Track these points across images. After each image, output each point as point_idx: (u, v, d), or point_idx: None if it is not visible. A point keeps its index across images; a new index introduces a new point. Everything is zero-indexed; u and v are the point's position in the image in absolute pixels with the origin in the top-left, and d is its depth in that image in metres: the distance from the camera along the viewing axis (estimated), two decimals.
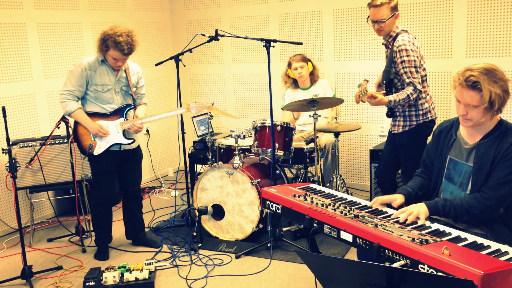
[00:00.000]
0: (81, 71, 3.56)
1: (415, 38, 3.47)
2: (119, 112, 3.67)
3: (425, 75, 3.47)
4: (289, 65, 4.63)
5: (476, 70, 2.18)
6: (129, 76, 3.72)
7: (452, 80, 2.31)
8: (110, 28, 3.51)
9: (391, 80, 3.50)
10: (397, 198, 2.44)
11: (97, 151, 3.62)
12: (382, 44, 3.62)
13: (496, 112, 2.23)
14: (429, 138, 3.61)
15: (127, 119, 3.69)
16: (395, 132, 3.57)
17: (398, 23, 3.48)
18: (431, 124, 3.51)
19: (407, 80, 3.35)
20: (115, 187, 3.86)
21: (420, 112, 3.46)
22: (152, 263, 3.42)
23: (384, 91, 3.56)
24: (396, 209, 2.40)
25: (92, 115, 3.62)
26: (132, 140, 3.72)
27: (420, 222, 2.22)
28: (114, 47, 3.46)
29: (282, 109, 4.81)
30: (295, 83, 4.72)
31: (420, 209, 2.27)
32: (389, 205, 2.47)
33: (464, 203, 2.27)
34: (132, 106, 3.75)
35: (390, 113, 3.62)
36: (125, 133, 3.69)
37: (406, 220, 2.23)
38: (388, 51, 3.52)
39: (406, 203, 2.45)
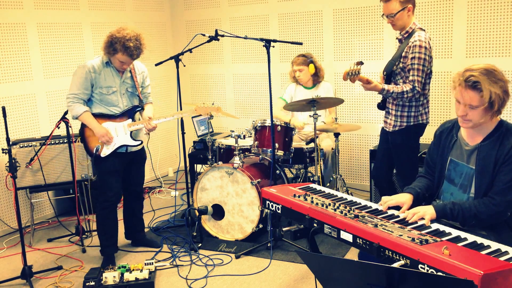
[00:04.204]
0: (85, 73, 3.48)
1: (430, 39, 3.45)
2: (127, 114, 3.63)
3: (430, 78, 3.46)
4: (292, 65, 4.63)
5: (476, 71, 2.18)
6: (134, 77, 3.67)
7: (452, 81, 2.30)
8: (118, 30, 3.43)
9: (392, 72, 3.49)
10: (406, 201, 2.41)
11: (105, 152, 3.56)
12: (397, 38, 3.58)
13: (495, 113, 2.23)
14: (422, 140, 3.63)
15: (134, 121, 3.66)
16: (387, 130, 3.58)
17: (414, 19, 3.45)
18: (422, 126, 3.52)
19: (410, 78, 3.33)
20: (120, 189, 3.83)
21: (412, 114, 3.45)
22: (152, 263, 3.42)
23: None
24: (398, 209, 2.39)
25: (99, 116, 3.57)
26: (139, 142, 3.67)
27: (421, 222, 2.21)
28: (124, 51, 3.40)
29: (280, 98, 4.78)
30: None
31: (426, 211, 2.25)
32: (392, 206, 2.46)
33: (472, 207, 2.25)
34: (140, 108, 3.71)
35: (382, 105, 3.62)
36: (132, 135, 3.64)
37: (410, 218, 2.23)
38: (400, 46, 3.51)
39: (415, 202, 2.43)
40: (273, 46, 3.68)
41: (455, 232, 2.10)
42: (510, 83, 2.27)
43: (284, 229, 3.75)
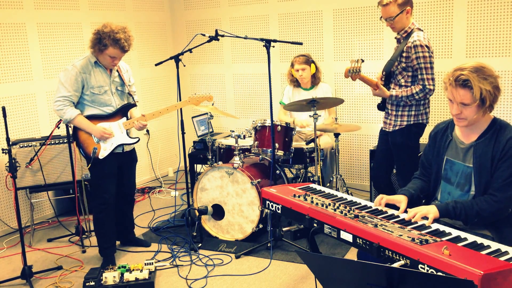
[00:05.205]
0: (75, 74, 3.39)
1: (429, 39, 3.45)
2: (120, 112, 3.60)
3: None
4: (292, 65, 4.63)
5: (465, 69, 2.22)
6: (122, 75, 3.62)
7: (443, 82, 2.34)
8: (103, 25, 3.38)
9: (391, 73, 3.50)
10: (402, 201, 2.42)
11: (102, 154, 3.50)
12: (395, 38, 3.59)
13: (488, 108, 2.26)
14: (422, 140, 3.63)
15: (128, 119, 3.64)
16: (387, 130, 3.58)
17: (413, 19, 3.46)
18: (422, 126, 3.52)
19: (420, 77, 3.35)
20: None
21: (412, 113, 3.46)
22: (152, 263, 3.42)
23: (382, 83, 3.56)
24: (397, 209, 2.40)
25: (92, 118, 3.50)
26: (137, 139, 3.64)
27: (426, 223, 2.21)
28: (114, 45, 3.35)
29: (280, 103, 4.80)
30: (297, 82, 4.72)
31: (429, 210, 2.26)
32: (390, 205, 2.46)
33: (474, 205, 2.27)
34: (135, 105, 3.69)
35: (382, 106, 3.63)
36: (128, 133, 3.63)
37: (409, 220, 2.23)
38: (398, 46, 3.52)
39: (409, 204, 2.44)
40: (273, 46, 3.68)
41: (455, 232, 2.10)
42: (500, 78, 2.30)
43: (284, 229, 3.74)
